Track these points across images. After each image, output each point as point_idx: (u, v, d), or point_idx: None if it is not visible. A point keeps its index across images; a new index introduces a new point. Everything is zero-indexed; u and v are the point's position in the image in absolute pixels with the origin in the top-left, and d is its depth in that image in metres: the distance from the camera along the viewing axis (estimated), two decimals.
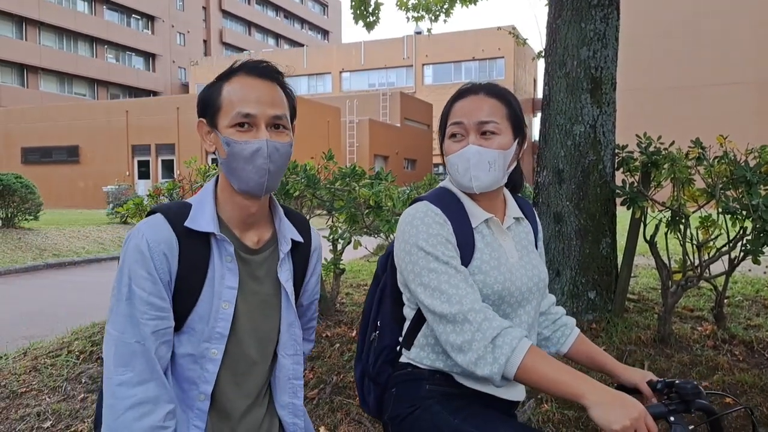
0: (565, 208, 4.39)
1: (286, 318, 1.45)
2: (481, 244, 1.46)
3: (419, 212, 1.44)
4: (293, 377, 1.48)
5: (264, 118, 1.30)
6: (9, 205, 13.06)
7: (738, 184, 3.70)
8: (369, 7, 7.56)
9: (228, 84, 1.33)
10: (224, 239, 1.34)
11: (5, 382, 3.95)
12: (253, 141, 1.29)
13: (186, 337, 1.32)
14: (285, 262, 1.44)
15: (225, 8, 55.55)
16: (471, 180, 1.44)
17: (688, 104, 27.08)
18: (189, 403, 1.33)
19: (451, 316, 1.33)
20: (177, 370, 1.33)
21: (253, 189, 1.32)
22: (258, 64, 1.35)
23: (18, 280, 9.47)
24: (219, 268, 1.34)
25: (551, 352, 1.68)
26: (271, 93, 1.33)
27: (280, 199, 4.45)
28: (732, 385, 3.46)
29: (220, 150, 1.32)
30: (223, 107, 1.31)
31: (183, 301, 1.31)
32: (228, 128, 1.30)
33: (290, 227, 1.47)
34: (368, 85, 43.76)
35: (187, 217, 1.33)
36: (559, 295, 4.40)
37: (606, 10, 4.36)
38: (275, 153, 1.31)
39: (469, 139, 1.44)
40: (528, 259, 1.54)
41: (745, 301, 5.59)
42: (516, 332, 1.30)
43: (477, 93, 1.49)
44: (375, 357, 1.60)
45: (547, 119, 4.52)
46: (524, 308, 1.51)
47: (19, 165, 27.35)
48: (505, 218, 1.55)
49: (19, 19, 39.92)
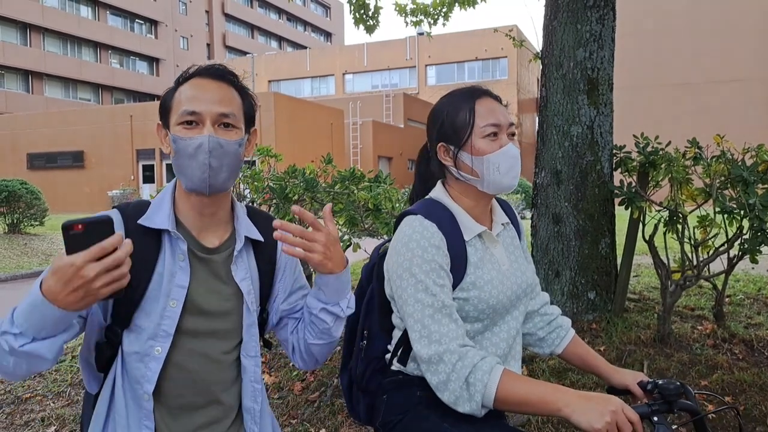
0: (563, 209, 4.40)
1: (247, 318, 1.43)
2: (474, 258, 1.46)
3: (416, 232, 1.42)
4: (254, 380, 1.45)
5: (210, 115, 1.31)
6: (15, 211, 13.15)
7: (735, 184, 3.71)
8: (369, 11, 7.59)
9: (183, 86, 1.36)
10: (178, 236, 1.34)
11: (10, 387, 3.99)
12: (195, 137, 1.30)
13: (134, 335, 1.32)
14: (240, 261, 1.42)
15: (228, 12, 55.70)
16: (516, 177, 1.46)
17: (691, 101, 26.96)
18: (138, 402, 1.32)
19: (427, 357, 1.35)
20: (126, 368, 1.33)
21: (198, 186, 1.32)
22: (211, 66, 1.38)
23: (24, 285, 9.53)
24: (170, 265, 1.33)
25: (546, 353, 1.70)
26: (221, 92, 1.35)
27: (279, 202, 4.48)
28: (731, 384, 3.46)
29: (171, 149, 1.34)
30: (173, 107, 1.34)
31: (128, 297, 1.28)
32: (175, 126, 1.32)
33: (248, 226, 1.45)
34: (371, 87, 43.78)
35: (143, 214, 1.34)
36: (559, 295, 4.42)
37: (602, 11, 4.38)
38: (218, 149, 1.30)
39: (502, 139, 1.47)
40: (517, 265, 1.56)
41: (746, 300, 5.59)
42: (486, 365, 1.31)
43: (490, 96, 1.52)
44: (364, 366, 1.59)
45: (544, 120, 4.54)
46: (512, 314, 1.53)
47: (25, 171, 27.49)
48: (494, 225, 1.56)
49: (23, 26, 40.14)
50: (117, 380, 1.34)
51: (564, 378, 3.60)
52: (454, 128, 1.49)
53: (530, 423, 3.17)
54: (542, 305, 1.72)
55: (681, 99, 27.20)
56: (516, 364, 1.56)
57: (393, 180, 4.30)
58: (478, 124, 1.46)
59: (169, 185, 1.42)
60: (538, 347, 1.71)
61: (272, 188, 4.53)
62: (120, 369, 1.34)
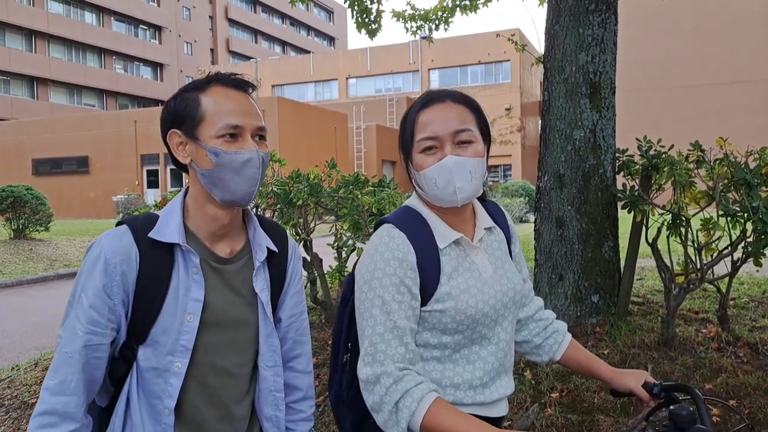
0: (566, 213, 4.41)
1: (264, 328, 1.43)
2: (448, 267, 1.38)
3: (381, 243, 1.36)
4: (275, 389, 1.46)
5: (250, 128, 1.32)
6: (20, 217, 13.20)
7: (738, 186, 3.71)
8: (371, 15, 7.63)
9: (205, 95, 1.33)
10: (189, 250, 1.33)
11: (17, 393, 4.01)
12: (244, 151, 1.30)
13: (150, 350, 1.32)
14: (260, 272, 1.42)
15: (231, 17, 55.94)
16: (455, 192, 1.35)
17: (693, 104, 26.90)
18: (157, 417, 1.32)
19: (365, 377, 1.31)
20: (143, 384, 1.33)
21: (241, 199, 1.33)
22: (232, 75, 1.37)
23: (29, 290, 9.57)
24: (184, 279, 1.33)
25: (544, 361, 1.63)
26: (250, 104, 1.35)
27: (284, 207, 4.50)
28: (735, 388, 3.45)
29: (203, 161, 1.31)
30: (207, 118, 1.31)
31: (144, 313, 1.30)
32: (215, 139, 1.30)
33: (265, 236, 1.46)
34: (375, 91, 43.81)
35: (153, 228, 1.32)
36: (563, 299, 4.42)
37: (604, 15, 4.39)
38: (263, 164, 1.34)
39: (445, 150, 1.35)
40: (503, 272, 1.47)
41: (750, 303, 5.57)
42: (418, 392, 1.26)
43: (443, 101, 1.39)
44: (348, 381, 1.49)
45: (547, 124, 4.55)
46: (501, 325, 1.45)
47: (30, 176, 27.60)
48: (475, 231, 1.47)
49: (28, 32, 40.40)
50: (132, 395, 1.34)
51: (568, 381, 3.60)
52: (403, 140, 1.43)
53: (534, 427, 3.17)
54: (536, 311, 1.64)
55: (683, 102, 27.15)
56: (507, 378, 1.49)
57: (397, 185, 4.31)
58: (416, 137, 1.38)
59: (178, 197, 1.41)
60: (536, 355, 1.63)
61: (276, 193, 4.55)
62: (135, 384, 1.34)
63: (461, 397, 1.40)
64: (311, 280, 5.09)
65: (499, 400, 1.46)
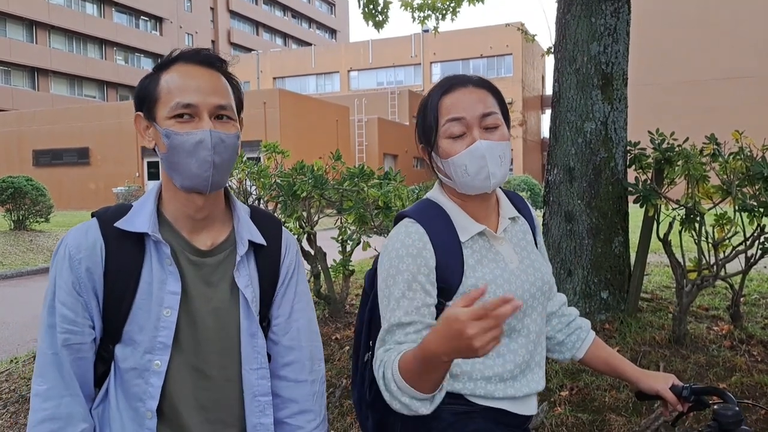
0: (576, 207, 4.32)
1: (247, 328, 1.30)
2: (471, 260, 1.35)
3: (398, 240, 1.34)
4: (260, 394, 1.32)
5: (206, 107, 1.21)
6: (20, 208, 13.17)
7: (755, 181, 3.62)
8: (378, 6, 7.52)
9: (166, 73, 1.24)
10: (159, 240, 1.23)
11: (15, 386, 3.95)
12: (195, 132, 1.19)
13: (129, 350, 1.23)
14: (243, 266, 1.30)
15: (233, 9, 55.69)
16: (488, 178, 1.32)
17: (702, 99, 26.76)
18: (139, 421, 1.24)
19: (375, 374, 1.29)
20: (124, 386, 1.24)
21: (198, 185, 1.22)
22: (197, 51, 1.27)
23: (29, 282, 9.51)
24: (158, 272, 1.23)
25: (566, 358, 1.58)
26: (213, 81, 1.24)
27: (287, 199, 4.42)
28: (751, 387, 3.38)
29: (160, 144, 1.23)
30: (161, 98, 1.22)
31: (114, 309, 1.21)
32: (167, 119, 1.20)
33: (250, 228, 1.33)
34: (377, 84, 43.74)
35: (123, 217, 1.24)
36: (572, 294, 4.34)
37: (617, 4, 4.28)
38: (220, 144, 1.21)
39: (474, 135, 1.31)
40: (529, 262, 1.43)
41: (762, 300, 5.49)
42: (392, 357, 1.24)
43: (465, 85, 1.36)
44: (370, 381, 1.43)
45: (557, 116, 4.45)
46: (530, 317, 1.41)
47: (31, 167, 27.55)
48: (499, 220, 1.43)
49: (29, 23, 40.26)
50: (111, 398, 1.26)
51: (578, 379, 3.53)
52: (424, 128, 1.38)
53: (543, 426, 3.10)
54: (560, 306, 1.59)
55: (695, 95, 27.02)
56: (540, 372, 1.44)
57: (403, 177, 4.23)
58: (441, 121, 1.34)
59: (154, 186, 1.32)
60: (558, 352, 1.59)
61: (279, 185, 4.47)
62: (113, 385, 1.26)
63: (492, 390, 1.36)
64: (315, 274, 5.01)
65: (529, 394, 1.42)
